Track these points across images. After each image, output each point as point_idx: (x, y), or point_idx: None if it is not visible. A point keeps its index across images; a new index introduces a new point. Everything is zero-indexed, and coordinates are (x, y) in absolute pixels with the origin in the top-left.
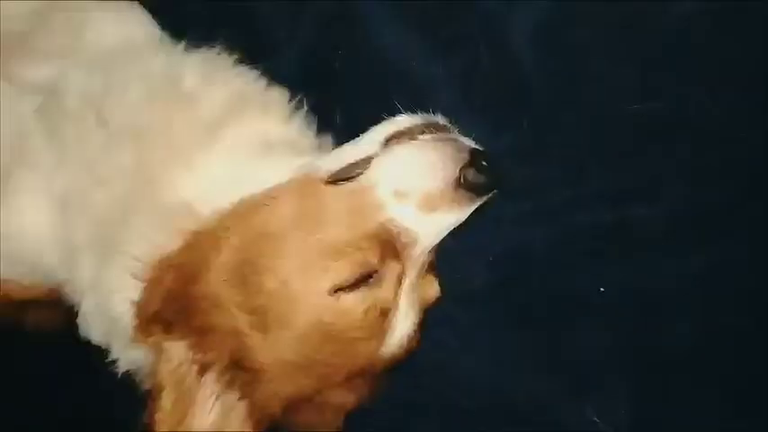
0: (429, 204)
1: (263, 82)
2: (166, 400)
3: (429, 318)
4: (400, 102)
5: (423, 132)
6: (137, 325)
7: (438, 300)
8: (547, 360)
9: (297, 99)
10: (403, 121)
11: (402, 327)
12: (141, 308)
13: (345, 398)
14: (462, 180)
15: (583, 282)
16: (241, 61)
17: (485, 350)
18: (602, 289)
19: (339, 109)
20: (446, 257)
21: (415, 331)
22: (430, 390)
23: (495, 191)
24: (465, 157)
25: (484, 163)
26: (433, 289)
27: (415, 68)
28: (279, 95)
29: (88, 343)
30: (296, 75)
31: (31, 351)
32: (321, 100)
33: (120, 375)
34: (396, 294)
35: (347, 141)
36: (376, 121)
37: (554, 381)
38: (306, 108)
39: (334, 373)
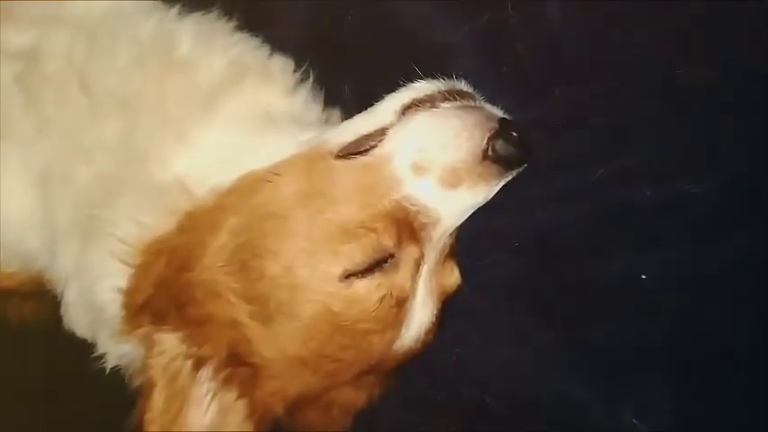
0: (452, 179)
1: (264, 50)
2: (158, 398)
3: (448, 308)
4: (417, 73)
5: (444, 100)
6: (124, 315)
7: (458, 289)
8: (579, 356)
9: (301, 69)
10: (422, 87)
11: (419, 318)
12: (129, 296)
13: (354, 396)
14: (490, 151)
15: (620, 268)
16: (240, 28)
17: (510, 345)
18: (643, 276)
19: (348, 80)
20: (467, 242)
21: (432, 323)
22: (448, 388)
23: (525, 165)
24: (493, 126)
25: (514, 133)
26: (452, 277)
27: (433, 32)
28: (282, 65)
29: (74, 336)
30: (300, 42)
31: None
32: (328, 70)
33: (107, 371)
34: (413, 281)
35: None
36: (389, 92)
37: (587, 378)
38: (311, 79)
39: (343, 369)
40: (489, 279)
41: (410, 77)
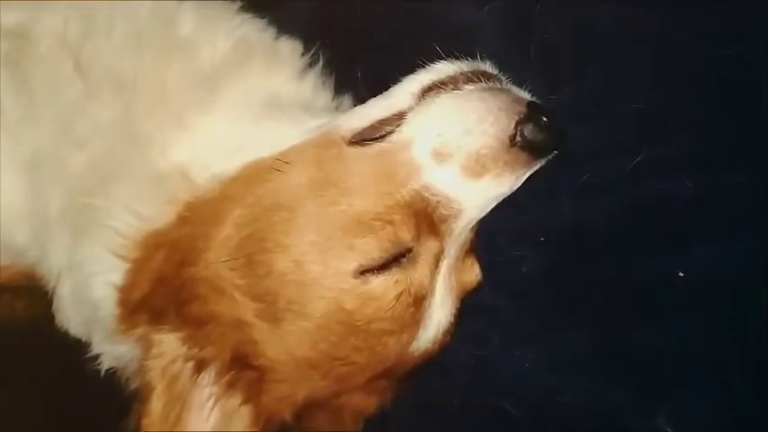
0: (476, 167)
1: (271, 32)
2: (156, 403)
3: (467, 308)
4: (436, 53)
5: (468, 81)
6: (120, 314)
7: (478, 286)
8: (610, 360)
9: (310, 52)
10: (443, 68)
11: (437, 317)
12: (125, 293)
13: (365, 401)
14: (518, 137)
15: (656, 266)
16: (245, 8)
17: (533, 348)
18: (681, 274)
19: (361, 63)
20: (488, 236)
21: (451, 323)
22: (465, 393)
23: (556, 152)
24: (521, 110)
25: (544, 118)
26: (472, 273)
27: (452, 11)
28: (289, 48)
29: (68, 334)
30: (309, 24)
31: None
32: (339, 53)
33: (103, 372)
34: (432, 278)
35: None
36: (406, 76)
37: (618, 384)
38: (321, 63)
39: (355, 373)
40: (511, 277)
41: (429, 59)
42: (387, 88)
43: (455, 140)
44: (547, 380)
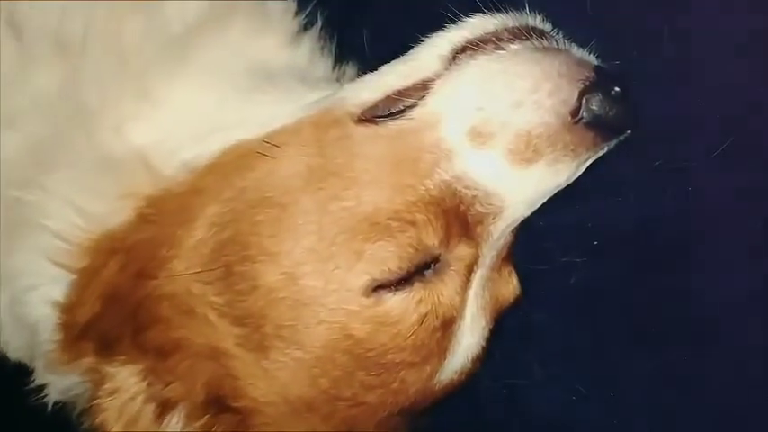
0: (527, 151)
1: None
2: None
3: (500, 327)
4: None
5: (515, 39)
6: (62, 339)
7: (515, 301)
8: (682, 394)
9: (306, 11)
10: (480, 23)
11: (467, 342)
12: (69, 313)
13: None
14: (584, 112)
15: (746, 278)
16: None
17: (583, 377)
18: None
19: (367, 27)
20: (529, 239)
21: (483, 347)
22: (497, 431)
23: (629, 132)
24: (587, 76)
25: (616, 88)
26: (509, 286)
27: None
28: (280, 6)
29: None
30: None
31: None
32: (341, 14)
33: (50, 407)
34: (463, 294)
35: None
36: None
37: (692, 424)
38: (319, 24)
39: (366, 415)
40: (557, 289)
41: (459, 13)
42: (402, 53)
43: (500, 116)
44: (599, 417)
